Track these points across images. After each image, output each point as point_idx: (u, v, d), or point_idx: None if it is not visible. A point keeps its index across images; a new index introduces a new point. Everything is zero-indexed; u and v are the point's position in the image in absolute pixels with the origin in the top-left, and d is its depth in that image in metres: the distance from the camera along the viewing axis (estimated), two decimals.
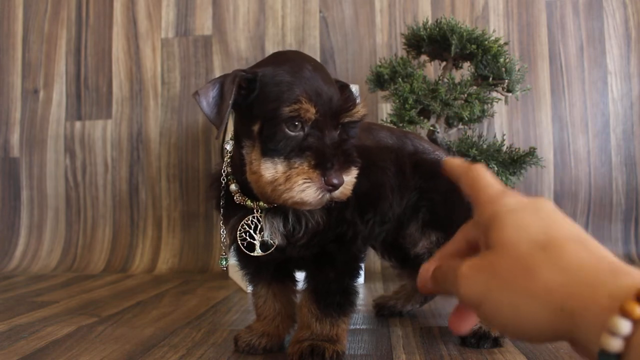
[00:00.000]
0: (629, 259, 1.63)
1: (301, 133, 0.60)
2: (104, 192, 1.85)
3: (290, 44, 1.81)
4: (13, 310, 1.08)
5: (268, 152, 0.60)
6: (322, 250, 0.70)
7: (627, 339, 0.28)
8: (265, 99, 0.61)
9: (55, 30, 1.91)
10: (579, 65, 1.76)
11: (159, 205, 1.81)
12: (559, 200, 1.73)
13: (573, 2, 1.77)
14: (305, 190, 0.58)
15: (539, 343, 0.33)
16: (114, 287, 1.37)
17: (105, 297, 1.24)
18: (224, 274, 1.58)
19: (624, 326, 0.28)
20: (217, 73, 1.83)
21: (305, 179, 0.58)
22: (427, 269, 0.45)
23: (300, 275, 0.81)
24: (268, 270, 0.77)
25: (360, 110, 0.64)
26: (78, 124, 1.88)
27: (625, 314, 0.28)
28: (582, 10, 1.76)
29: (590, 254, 0.33)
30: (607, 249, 0.34)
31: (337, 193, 0.59)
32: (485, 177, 0.46)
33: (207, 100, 0.62)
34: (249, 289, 0.90)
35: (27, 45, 1.93)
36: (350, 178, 0.61)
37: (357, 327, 0.92)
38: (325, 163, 0.58)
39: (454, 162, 0.54)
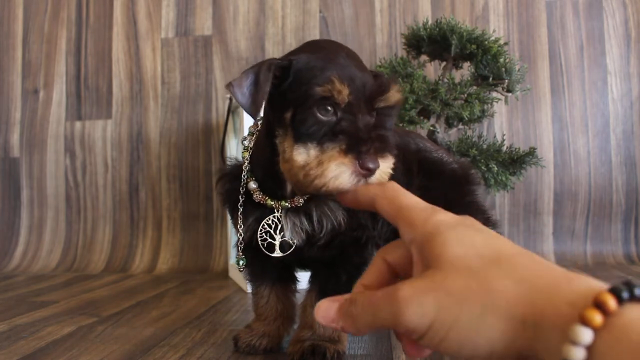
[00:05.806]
0: (629, 259, 1.63)
1: (334, 118, 0.57)
2: (104, 192, 1.85)
3: (291, 44, 1.81)
4: (13, 310, 1.08)
5: (301, 138, 0.58)
6: (339, 251, 0.69)
7: (589, 348, 0.27)
8: (299, 84, 0.60)
9: (55, 30, 1.91)
10: (579, 65, 1.76)
11: (159, 205, 1.81)
12: (559, 200, 1.73)
13: (573, 2, 1.77)
14: (339, 176, 0.54)
15: None
16: (114, 287, 1.37)
17: (105, 297, 1.24)
18: (224, 274, 1.58)
19: (586, 335, 0.27)
20: (217, 73, 1.83)
21: (338, 163, 0.54)
22: (326, 308, 0.41)
23: (300, 275, 0.81)
24: (273, 270, 0.76)
25: (394, 95, 0.61)
26: (78, 124, 1.88)
27: (585, 322, 0.27)
28: (582, 10, 1.76)
29: (541, 264, 0.33)
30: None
31: (373, 180, 0.55)
32: (406, 195, 0.44)
33: (242, 91, 0.60)
34: (249, 289, 0.90)
35: (27, 45, 1.93)
36: (387, 165, 0.57)
37: None
38: (359, 146, 0.54)
39: (362, 192, 0.50)
